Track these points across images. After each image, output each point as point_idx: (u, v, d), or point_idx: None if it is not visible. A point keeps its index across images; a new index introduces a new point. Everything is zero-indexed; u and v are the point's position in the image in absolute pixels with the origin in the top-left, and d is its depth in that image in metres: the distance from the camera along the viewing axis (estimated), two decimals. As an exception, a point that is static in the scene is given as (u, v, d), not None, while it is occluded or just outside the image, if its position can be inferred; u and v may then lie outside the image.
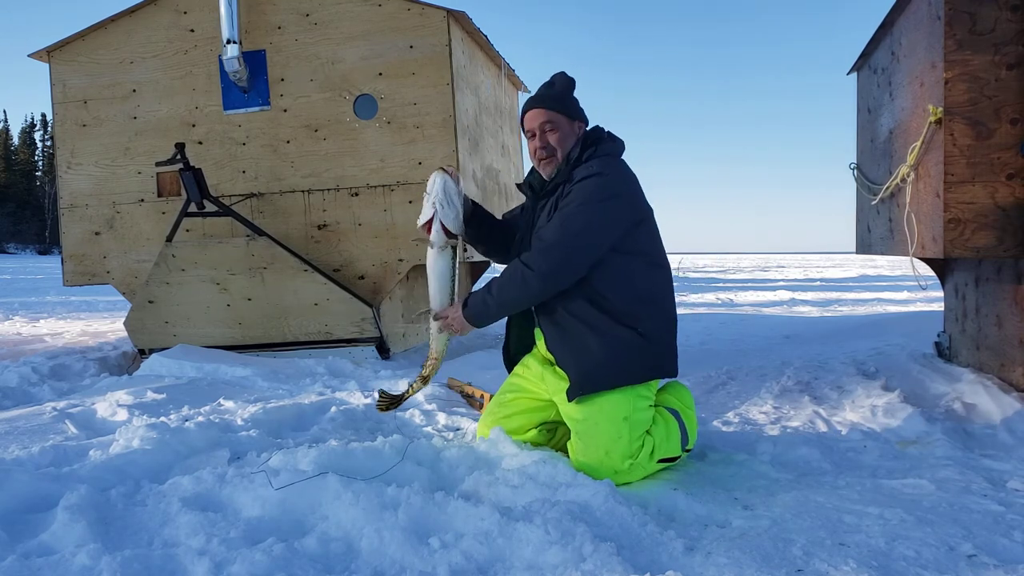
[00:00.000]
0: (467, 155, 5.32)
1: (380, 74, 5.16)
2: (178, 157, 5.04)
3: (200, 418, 3.15)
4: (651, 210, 2.62)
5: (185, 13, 5.36)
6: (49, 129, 66.32)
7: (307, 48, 5.24)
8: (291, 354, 5.07)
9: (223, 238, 5.22)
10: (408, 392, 2.91)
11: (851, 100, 5.03)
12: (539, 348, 2.75)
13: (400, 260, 5.23)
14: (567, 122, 2.60)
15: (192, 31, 5.36)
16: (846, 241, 5.56)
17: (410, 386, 2.90)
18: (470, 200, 2.74)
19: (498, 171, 6.36)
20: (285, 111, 5.30)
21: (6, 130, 71.35)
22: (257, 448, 2.71)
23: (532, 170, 2.74)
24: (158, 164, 5.23)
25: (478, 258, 5.85)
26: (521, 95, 7.65)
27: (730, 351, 5.34)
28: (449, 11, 5.05)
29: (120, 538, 1.97)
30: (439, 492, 2.13)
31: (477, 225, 2.75)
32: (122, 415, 3.34)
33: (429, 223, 2.59)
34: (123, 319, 5.46)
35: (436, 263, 2.63)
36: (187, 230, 5.33)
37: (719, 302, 11.36)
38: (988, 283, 3.71)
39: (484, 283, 2.65)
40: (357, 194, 5.25)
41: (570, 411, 2.51)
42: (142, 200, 5.54)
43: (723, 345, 5.68)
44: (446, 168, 2.60)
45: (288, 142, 5.31)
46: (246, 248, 5.03)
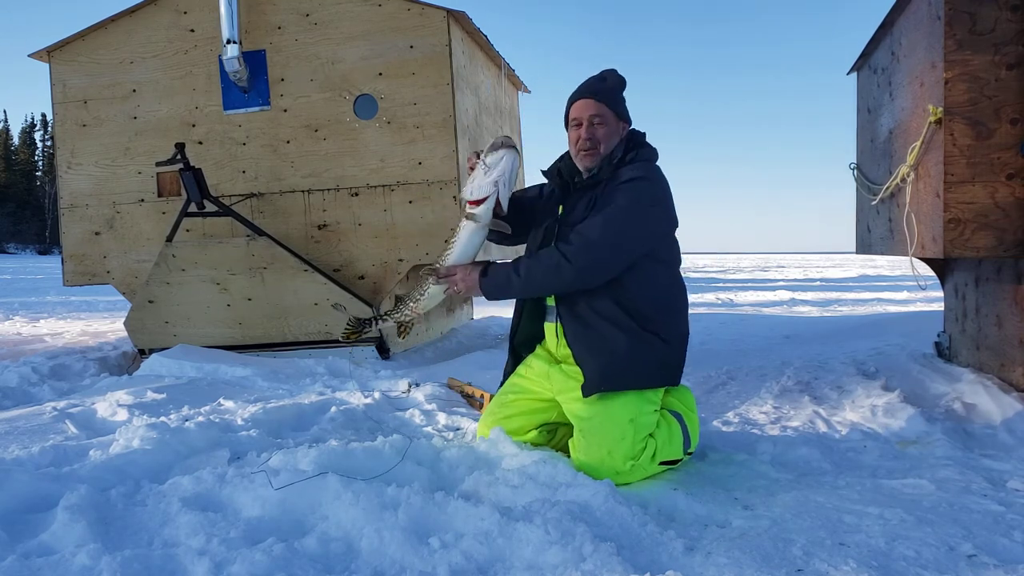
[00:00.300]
0: (467, 155, 5.32)
1: (380, 74, 5.16)
2: (178, 157, 5.04)
3: (200, 418, 3.15)
4: (678, 222, 2.66)
5: (185, 13, 5.36)
6: (49, 129, 66.35)
7: (307, 48, 5.24)
8: (291, 354, 5.07)
9: (223, 238, 5.22)
10: (374, 324, 2.77)
11: (851, 100, 5.03)
12: (547, 344, 2.72)
13: (400, 260, 5.23)
14: (614, 119, 2.60)
15: (192, 31, 5.36)
16: (846, 241, 5.56)
17: (380, 316, 2.79)
18: None
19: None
20: (285, 111, 5.30)
21: (6, 130, 71.38)
22: (257, 448, 2.71)
23: (563, 157, 2.70)
24: (158, 164, 5.24)
25: (479, 257, 5.85)
26: (521, 95, 7.65)
27: (730, 351, 5.33)
28: (449, 11, 5.06)
29: (120, 538, 1.97)
30: (439, 492, 2.13)
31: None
32: (122, 415, 3.34)
33: (478, 199, 2.44)
34: (123, 319, 5.47)
35: (471, 237, 2.55)
36: (187, 230, 5.33)
37: (719, 302, 11.36)
38: (988, 283, 3.71)
39: (503, 264, 2.57)
40: (357, 194, 5.26)
41: (576, 409, 2.51)
42: (142, 200, 5.54)
43: (723, 345, 5.68)
44: (516, 146, 2.50)
45: (288, 142, 5.31)
46: (246, 248, 5.03)
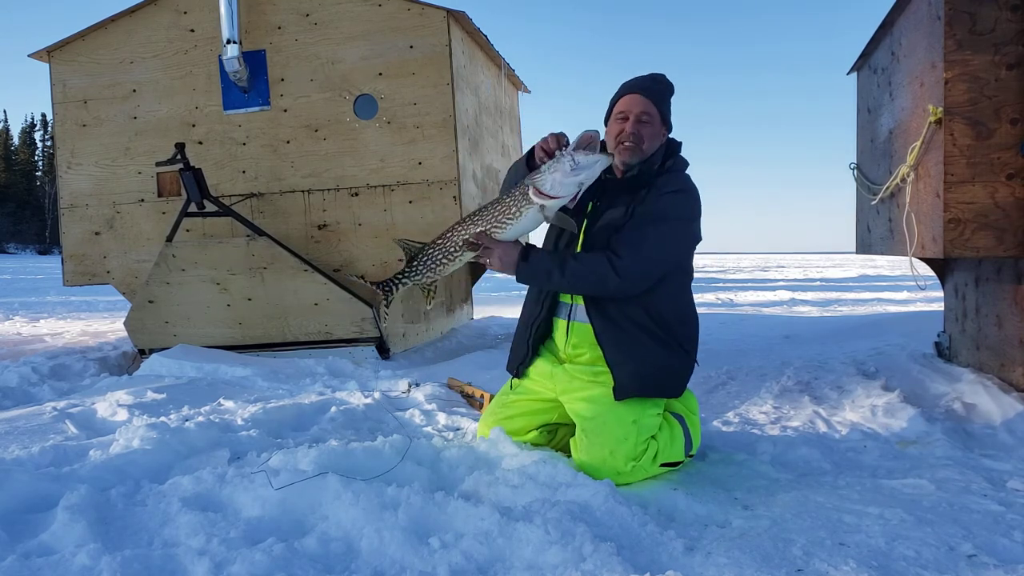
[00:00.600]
0: (467, 155, 5.32)
1: (380, 74, 5.16)
2: (178, 157, 5.04)
3: (200, 418, 3.15)
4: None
5: (185, 13, 5.36)
6: (49, 129, 66.34)
7: (307, 48, 5.24)
8: (291, 354, 5.07)
9: (223, 238, 5.22)
10: (396, 288, 2.76)
11: (851, 100, 5.03)
12: (554, 341, 2.68)
13: (400, 260, 5.21)
14: (659, 122, 2.60)
15: (192, 31, 5.36)
16: (846, 241, 5.56)
17: (402, 279, 2.76)
18: None
19: (498, 171, 6.35)
20: (285, 111, 5.30)
21: (6, 130, 71.39)
22: (257, 448, 2.71)
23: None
24: (158, 164, 5.23)
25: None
26: (521, 95, 7.65)
27: (730, 351, 5.33)
28: (449, 11, 5.05)
29: (120, 538, 1.97)
30: (439, 492, 2.13)
31: None
32: (122, 415, 3.34)
33: (555, 195, 2.36)
34: (123, 319, 5.46)
35: (529, 224, 2.46)
36: (187, 230, 5.33)
37: (719, 302, 11.36)
38: (988, 283, 3.71)
39: (548, 255, 2.50)
40: (357, 194, 5.25)
41: (579, 409, 2.50)
42: (142, 200, 5.54)
43: (723, 345, 5.68)
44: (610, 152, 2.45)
45: (288, 142, 5.31)
46: (246, 248, 5.03)
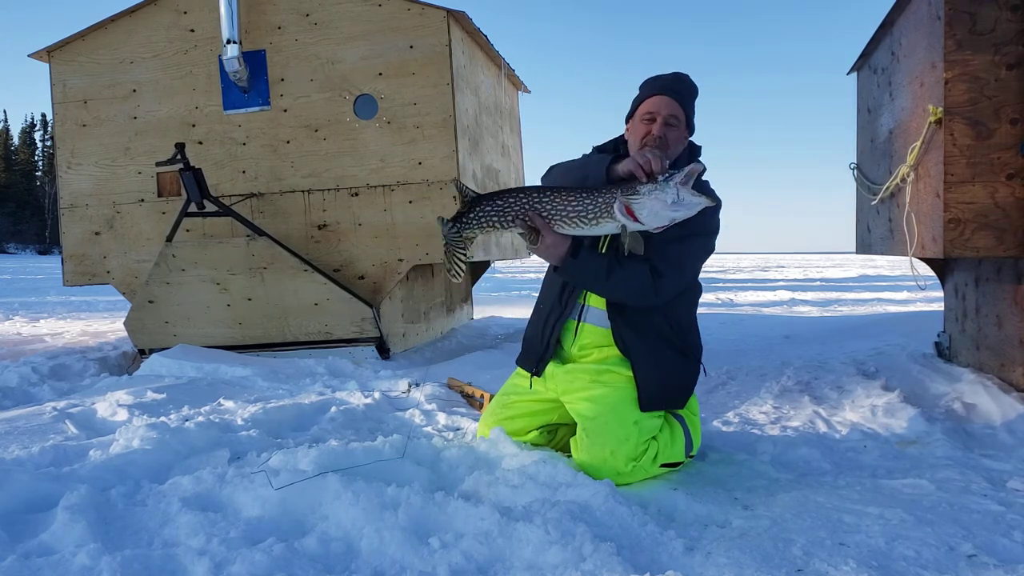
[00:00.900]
0: (467, 155, 5.32)
1: (380, 74, 5.16)
2: (178, 157, 5.04)
3: (200, 418, 3.15)
4: None
5: (185, 13, 5.36)
6: (49, 129, 66.36)
7: (307, 48, 5.24)
8: (291, 354, 5.07)
9: (223, 238, 5.22)
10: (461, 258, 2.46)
11: (851, 100, 5.04)
12: (560, 343, 2.65)
13: (400, 260, 5.23)
14: (685, 126, 2.58)
15: (192, 31, 5.36)
16: (846, 241, 5.57)
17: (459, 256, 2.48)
18: None
19: (498, 171, 6.36)
20: (285, 111, 5.30)
21: (6, 130, 71.42)
22: (257, 448, 2.71)
23: (617, 145, 2.66)
24: (158, 164, 5.23)
25: (479, 257, 5.85)
26: (521, 95, 7.64)
27: (730, 351, 5.33)
28: (449, 11, 5.05)
29: (120, 538, 1.97)
30: (439, 492, 2.13)
31: None
32: (122, 415, 3.34)
33: (646, 224, 2.31)
34: (123, 319, 5.46)
35: (596, 232, 2.39)
36: (187, 230, 5.33)
37: (719, 302, 11.36)
38: (988, 283, 3.71)
39: (597, 257, 2.43)
40: (357, 194, 5.25)
41: (582, 409, 2.50)
42: (142, 200, 5.54)
43: (723, 345, 5.68)
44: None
45: (288, 142, 5.31)
46: (246, 248, 5.03)
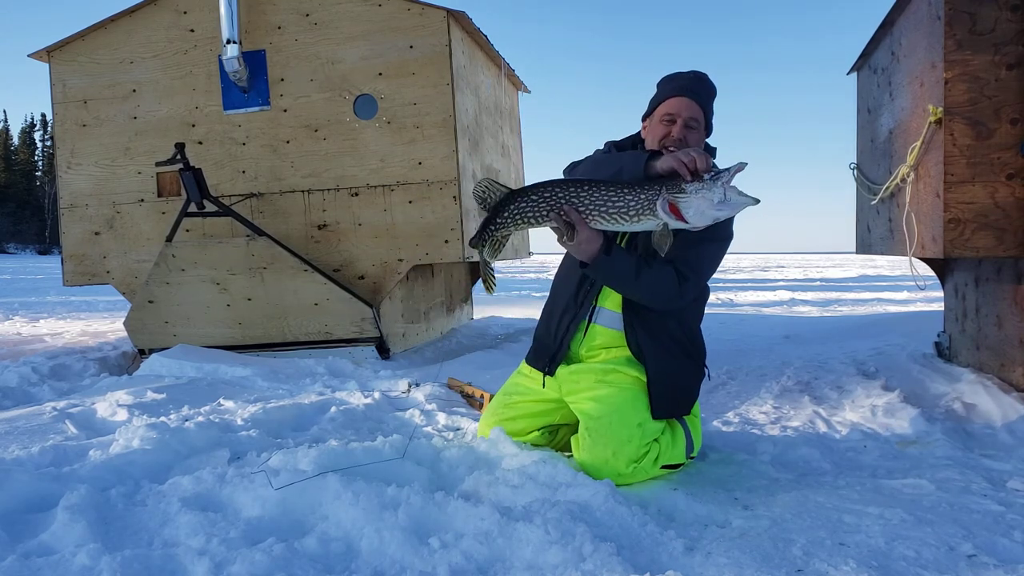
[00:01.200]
0: (467, 155, 5.32)
1: (380, 74, 5.16)
2: (178, 157, 5.04)
3: (200, 418, 3.15)
4: None
5: (185, 13, 5.36)
6: (49, 129, 66.35)
7: (307, 48, 5.24)
8: (291, 354, 5.07)
9: (223, 238, 5.22)
10: (490, 256, 2.58)
11: (851, 100, 5.04)
12: (571, 345, 2.64)
13: (400, 260, 5.23)
14: (703, 127, 2.57)
15: (192, 31, 5.36)
16: (846, 241, 5.57)
17: (497, 229, 2.54)
18: None
19: (498, 171, 6.36)
20: (285, 111, 5.30)
21: (6, 130, 71.42)
22: (257, 448, 2.71)
23: (635, 142, 2.65)
24: (158, 164, 5.23)
25: (478, 257, 5.85)
26: (521, 95, 7.64)
27: (730, 351, 5.33)
28: (449, 11, 5.05)
29: (120, 538, 1.97)
30: (439, 492, 2.13)
31: None
32: (122, 415, 3.34)
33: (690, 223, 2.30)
34: (123, 319, 5.46)
35: (635, 229, 2.36)
36: (187, 230, 5.33)
37: (719, 302, 11.36)
38: (988, 283, 3.71)
39: (628, 256, 2.41)
40: (357, 194, 5.25)
41: (587, 408, 2.50)
42: (142, 200, 5.54)
43: (723, 345, 5.68)
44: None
45: (288, 142, 5.31)
46: (246, 248, 5.03)
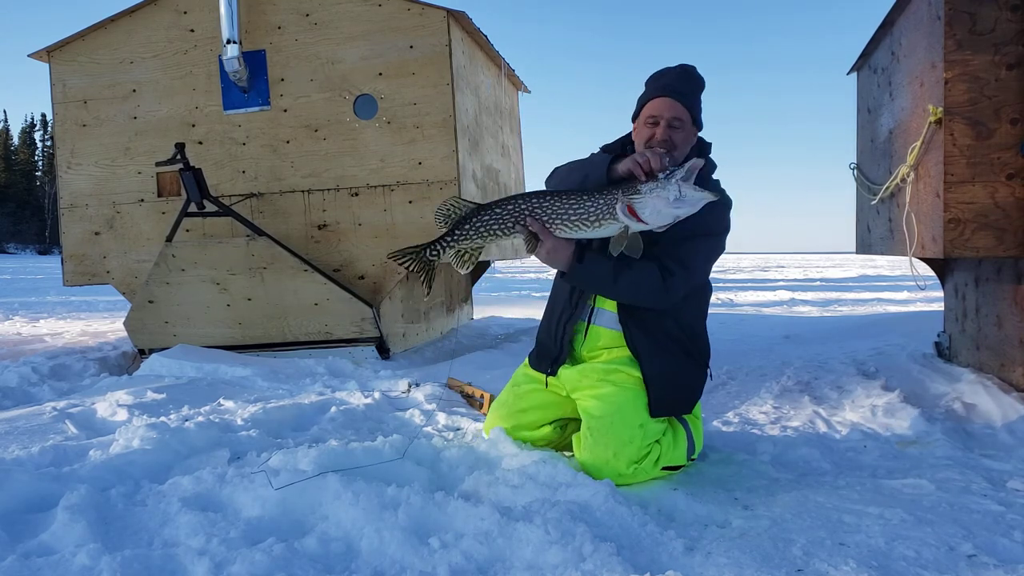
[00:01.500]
0: (467, 155, 5.32)
1: (380, 74, 5.16)
2: (178, 157, 5.04)
3: (200, 418, 3.15)
4: None
5: (185, 13, 5.36)
6: (49, 129, 66.36)
7: (307, 48, 5.24)
8: (291, 354, 5.07)
9: (223, 238, 5.22)
10: (434, 252, 2.47)
11: (851, 100, 5.04)
12: (574, 346, 2.63)
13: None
14: (691, 124, 2.51)
15: (192, 31, 5.36)
16: (846, 241, 5.57)
17: (440, 244, 2.47)
18: None
19: (498, 171, 6.35)
20: (285, 111, 5.30)
21: (6, 130, 71.42)
22: (257, 448, 2.71)
23: (624, 144, 2.62)
24: (158, 164, 5.23)
25: (482, 257, 5.84)
26: (521, 95, 7.64)
27: (730, 351, 5.33)
28: (449, 11, 5.05)
29: (120, 538, 1.97)
30: (439, 492, 2.13)
31: None
32: (122, 415, 3.34)
33: (648, 224, 2.30)
34: (123, 319, 5.46)
35: (599, 235, 2.36)
36: (187, 230, 5.33)
37: (719, 302, 11.35)
38: (988, 283, 3.71)
39: (603, 260, 2.38)
40: (357, 194, 5.25)
41: (590, 407, 2.50)
42: (142, 200, 5.54)
43: (723, 345, 5.67)
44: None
45: (288, 142, 5.31)
46: (246, 248, 5.03)
